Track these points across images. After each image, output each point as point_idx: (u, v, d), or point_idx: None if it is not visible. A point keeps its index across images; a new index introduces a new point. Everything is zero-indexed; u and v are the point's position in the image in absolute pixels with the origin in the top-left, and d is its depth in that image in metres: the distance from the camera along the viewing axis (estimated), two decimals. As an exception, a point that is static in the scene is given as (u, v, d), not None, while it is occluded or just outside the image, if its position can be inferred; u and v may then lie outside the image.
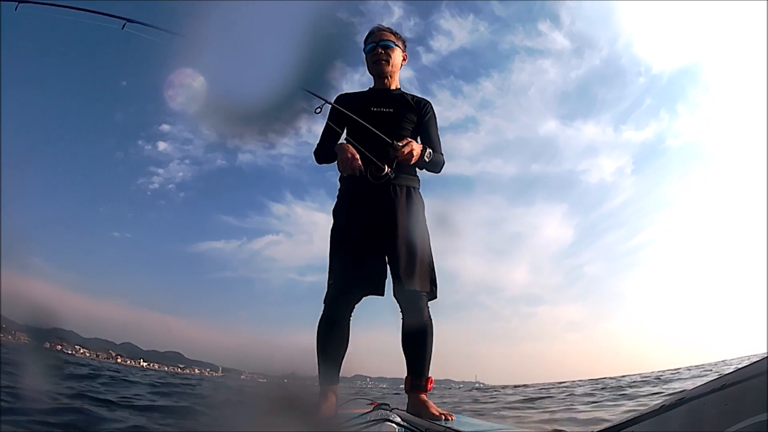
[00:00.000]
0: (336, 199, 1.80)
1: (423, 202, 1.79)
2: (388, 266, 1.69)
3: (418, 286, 1.65)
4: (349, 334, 1.66)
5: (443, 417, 1.55)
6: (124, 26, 1.48)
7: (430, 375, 1.68)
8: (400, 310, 1.69)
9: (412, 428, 1.29)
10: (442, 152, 1.82)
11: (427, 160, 1.70)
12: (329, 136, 1.77)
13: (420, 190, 1.81)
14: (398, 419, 1.32)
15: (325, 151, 1.76)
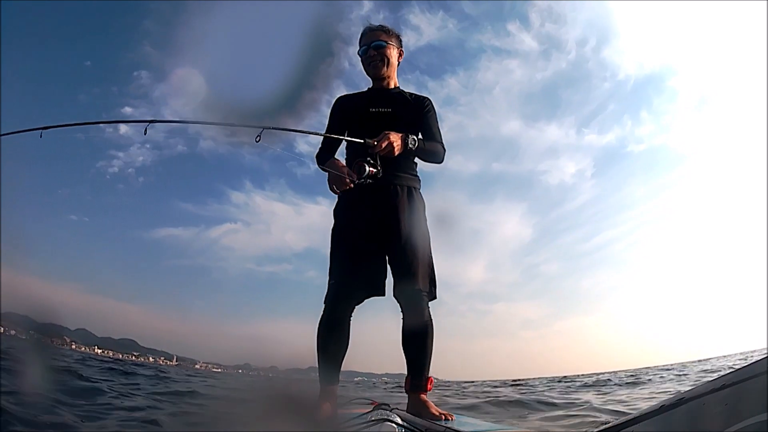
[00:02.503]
0: (336, 199, 1.79)
1: (423, 203, 1.79)
2: (388, 266, 1.70)
3: (419, 286, 1.65)
4: (350, 334, 1.66)
5: (443, 417, 1.55)
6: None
7: (430, 375, 1.68)
8: (400, 310, 1.69)
9: (412, 428, 1.29)
10: (444, 144, 1.80)
11: (412, 147, 1.65)
12: (330, 141, 1.76)
13: (421, 190, 1.81)
14: (398, 419, 1.32)
15: (323, 161, 1.74)
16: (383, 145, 1.58)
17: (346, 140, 1.64)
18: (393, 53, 1.81)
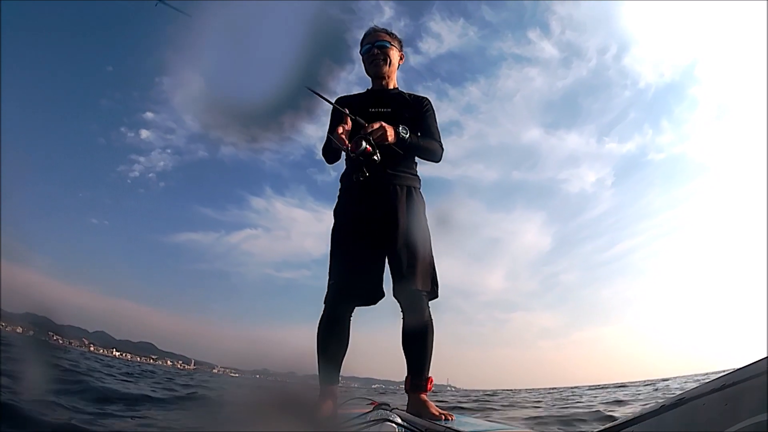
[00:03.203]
0: (337, 199, 1.80)
1: (424, 202, 1.79)
2: (388, 266, 1.69)
3: (419, 286, 1.64)
4: (350, 334, 1.66)
5: (443, 417, 1.55)
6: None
7: (430, 375, 1.68)
8: (400, 309, 1.69)
9: (412, 428, 1.29)
10: (441, 143, 1.80)
11: (404, 135, 1.64)
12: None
13: (421, 190, 1.81)
14: (398, 419, 1.32)
15: (328, 148, 1.74)
16: (375, 126, 1.57)
17: (338, 109, 1.61)
18: (395, 54, 1.83)
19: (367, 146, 1.55)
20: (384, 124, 1.60)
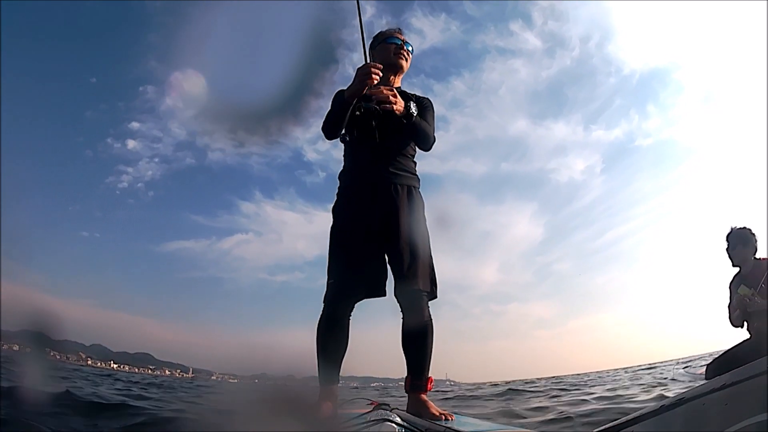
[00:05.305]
0: (335, 198, 1.79)
1: (423, 202, 1.79)
2: (388, 266, 1.69)
3: (419, 286, 1.64)
4: (349, 333, 1.65)
5: (443, 417, 1.55)
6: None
7: (430, 375, 1.68)
8: (400, 309, 1.69)
9: (412, 428, 1.29)
10: (434, 134, 1.80)
11: (413, 110, 1.68)
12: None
13: (420, 190, 1.80)
14: (398, 419, 1.32)
15: (337, 108, 1.69)
16: (390, 93, 1.60)
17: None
18: (409, 62, 1.89)
19: (376, 107, 1.59)
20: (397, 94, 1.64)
